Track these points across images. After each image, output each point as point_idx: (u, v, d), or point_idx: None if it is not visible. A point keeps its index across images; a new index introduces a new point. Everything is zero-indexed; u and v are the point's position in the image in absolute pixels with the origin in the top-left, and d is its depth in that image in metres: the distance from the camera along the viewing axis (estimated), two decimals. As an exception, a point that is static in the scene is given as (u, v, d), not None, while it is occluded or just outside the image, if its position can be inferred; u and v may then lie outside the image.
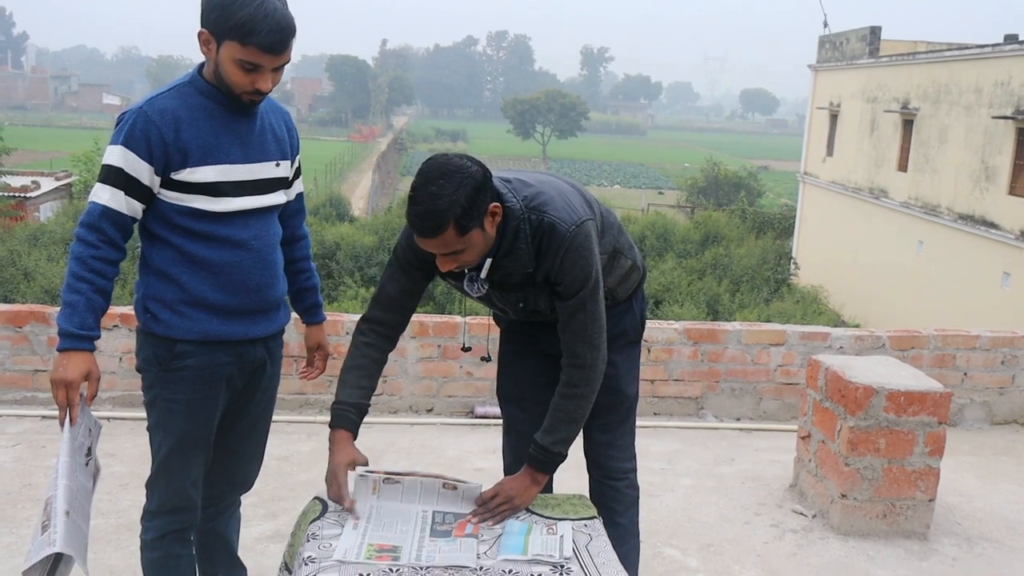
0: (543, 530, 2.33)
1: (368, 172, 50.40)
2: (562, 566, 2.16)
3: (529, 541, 2.25)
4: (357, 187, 43.24)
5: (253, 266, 2.43)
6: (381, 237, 19.73)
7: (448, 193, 2.16)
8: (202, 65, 2.38)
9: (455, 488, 2.41)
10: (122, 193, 2.30)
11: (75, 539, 2.13)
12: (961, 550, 3.83)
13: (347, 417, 2.46)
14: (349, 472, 2.39)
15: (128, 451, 4.34)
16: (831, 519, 3.93)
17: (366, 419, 5.09)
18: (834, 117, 25.41)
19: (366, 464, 2.41)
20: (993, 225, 17.13)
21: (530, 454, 2.48)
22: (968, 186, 18.08)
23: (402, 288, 2.51)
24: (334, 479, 2.37)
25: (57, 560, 2.14)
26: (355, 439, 2.46)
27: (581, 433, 2.83)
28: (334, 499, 2.36)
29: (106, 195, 2.29)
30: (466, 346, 3.11)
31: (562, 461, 2.50)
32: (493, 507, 2.38)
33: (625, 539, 2.78)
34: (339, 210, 25.59)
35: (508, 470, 2.86)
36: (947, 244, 18.54)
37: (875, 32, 23.86)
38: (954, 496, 4.34)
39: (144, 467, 2.55)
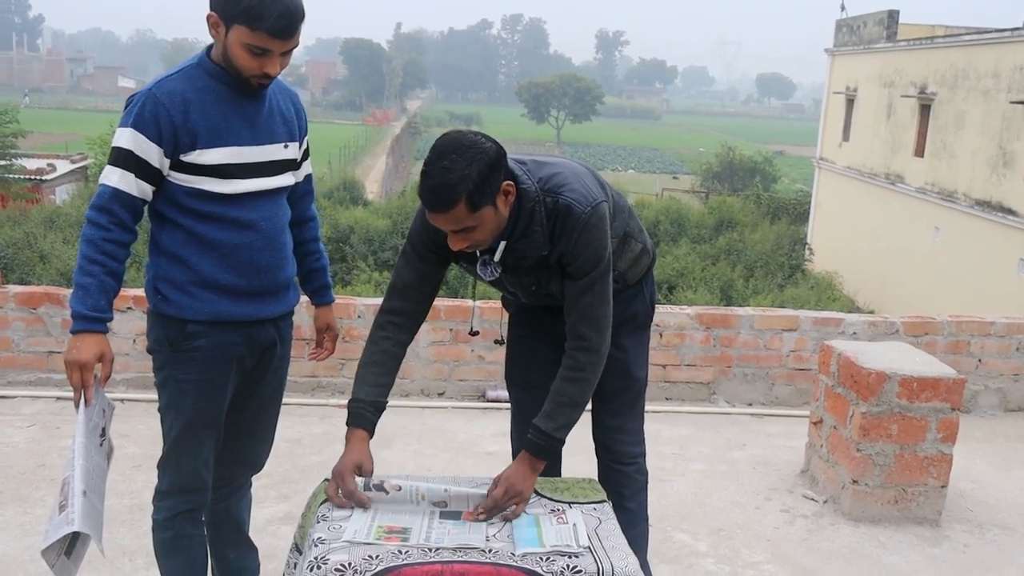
0: (553, 520, 2.31)
1: (382, 156, 50.40)
2: (574, 553, 2.16)
3: (542, 532, 2.24)
4: (371, 171, 43.26)
5: (262, 247, 2.44)
6: (395, 221, 19.75)
7: (460, 168, 2.14)
8: (210, 47, 2.37)
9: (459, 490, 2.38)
10: (132, 175, 2.30)
11: (92, 518, 2.15)
12: (973, 536, 3.81)
13: (363, 415, 2.42)
14: (357, 477, 2.35)
15: (141, 432, 4.37)
16: (842, 505, 3.92)
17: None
18: (850, 102, 25.20)
19: (371, 473, 2.36)
20: (1010, 211, 16.97)
21: (530, 439, 2.42)
22: (985, 172, 17.91)
23: (419, 274, 2.49)
24: (339, 480, 2.33)
25: (74, 539, 2.16)
26: (372, 436, 2.43)
27: (590, 418, 2.83)
28: (333, 499, 2.32)
29: (116, 177, 2.30)
30: (474, 330, 3.09)
31: (561, 447, 2.47)
32: (503, 504, 2.30)
33: (634, 523, 2.77)
34: (353, 194, 25.64)
35: (516, 454, 2.86)
36: (963, 230, 18.39)
37: (893, 16, 23.61)
38: (966, 483, 4.32)
39: (157, 448, 2.57)
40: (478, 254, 2.43)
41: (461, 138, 2.20)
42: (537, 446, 2.41)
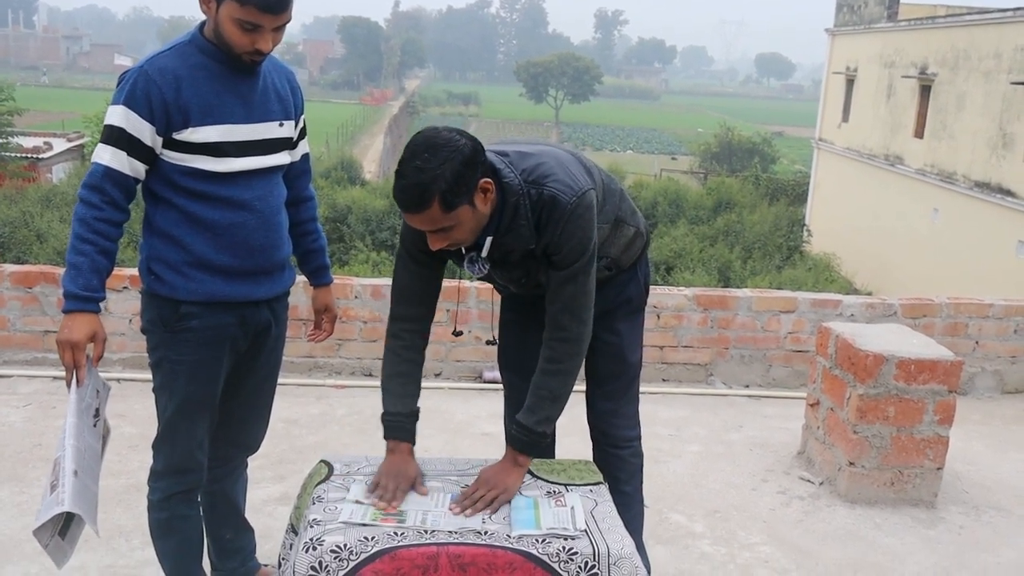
0: (551, 503, 2.30)
1: (380, 135, 50.32)
2: (570, 536, 2.16)
3: (540, 515, 2.23)
4: (369, 150, 43.17)
5: (257, 227, 2.41)
6: (392, 201, 19.68)
7: (433, 167, 2.10)
8: (203, 24, 2.34)
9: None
10: (124, 153, 2.27)
11: (84, 499, 2.14)
12: (968, 518, 3.82)
13: (403, 428, 2.42)
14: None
15: (138, 412, 4.36)
16: (838, 486, 3.93)
17: (375, 383, 5.07)
18: (850, 82, 25.09)
19: (422, 480, 2.37)
20: (1009, 193, 16.94)
21: (511, 435, 2.40)
22: (985, 153, 17.87)
23: (416, 275, 2.46)
24: (395, 482, 2.30)
25: (68, 520, 2.15)
26: (414, 445, 2.43)
27: (584, 401, 2.82)
28: (379, 501, 2.27)
29: (108, 155, 2.27)
30: (457, 331, 3.07)
31: (546, 442, 2.42)
32: (478, 499, 2.27)
33: (629, 506, 2.77)
34: (350, 173, 25.60)
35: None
36: (962, 212, 18.37)
37: (894, -5, 23.49)
38: (963, 465, 4.33)
39: (154, 428, 2.56)
40: (463, 251, 2.39)
41: (435, 136, 2.16)
42: (520, 441, 2.38)
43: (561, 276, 2.36)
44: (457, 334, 3.05)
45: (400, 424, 2.42)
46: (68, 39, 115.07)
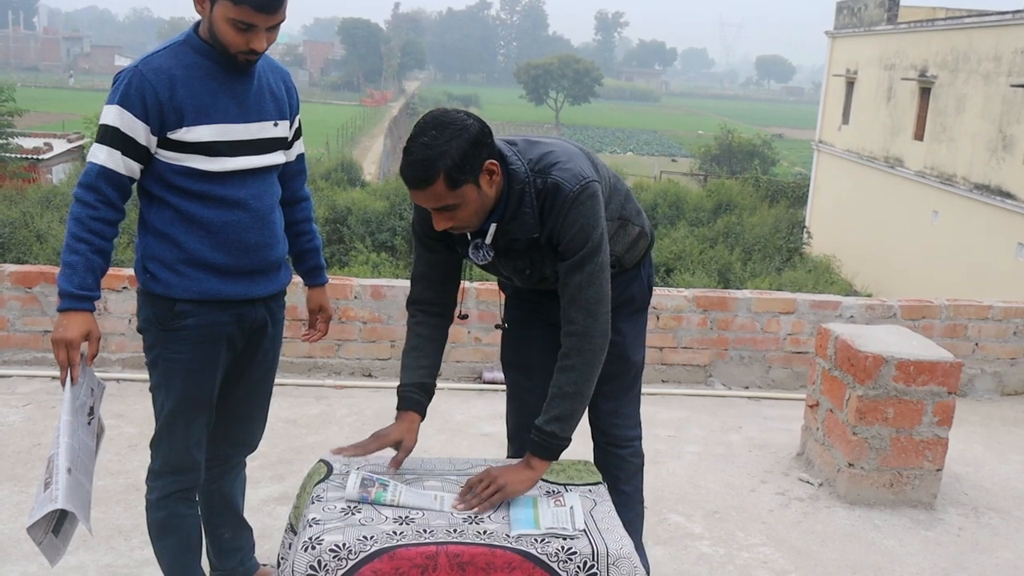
0: (550, 502, 2.29)
1: (380, 137, 50.30)
2: (569, 536, 2.15)
3: (539, 514, 2.23)
4: (369, 152, 43.16)
5: (251, 226, 2.42)
6: (392, 202, 19.69)
7: (439, 144, 2.12)
8: (198, 24, 2.34)
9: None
10: (119, 153, 2.28)
11: (78, 496, 2.14)
12: (968, 520, 3.82)
13: (411, 398, 2.43)
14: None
15: (137, 412, 4.36)
16: (837, 488, 3.93)
17: (375, 383, 5.08)
18: (850, 85, 25.10)
19: (409, 451, 2.38)
20: (1009, 195, 16.95)
21: (528, 438, 2.36)
22: (984, 156, 17.87)
23: (429, 262, 2.48)
24: (368, 441, 2.37)
25: (62, 517, 2.14)
26: (423, 418, 2.45)
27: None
28: (346, 451, 2.37)
29: (103, 155, 2.28)
30: (463, 313, 3.06)
31: (564, 445, 2.34)
32: (480, 491, 2.24)
33: (629, 506, 2.77)
34: (351, 175, 25.57)
35: (511, 436, 2.85)
36: (962, 214, 18.37)
37: (894, -2, 23.50)
38: (962, 466, 4.32)
39: (153, 428, 2.56)
40: (469, 237, 2.40)
41: (443, 115, 2.18)
42: (532, 443, 2.34)
43: (567, 267, 2.35)
44: (463, 317, 3.05)
45: (408, 395, 2.44)
46: (68, 40, 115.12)
